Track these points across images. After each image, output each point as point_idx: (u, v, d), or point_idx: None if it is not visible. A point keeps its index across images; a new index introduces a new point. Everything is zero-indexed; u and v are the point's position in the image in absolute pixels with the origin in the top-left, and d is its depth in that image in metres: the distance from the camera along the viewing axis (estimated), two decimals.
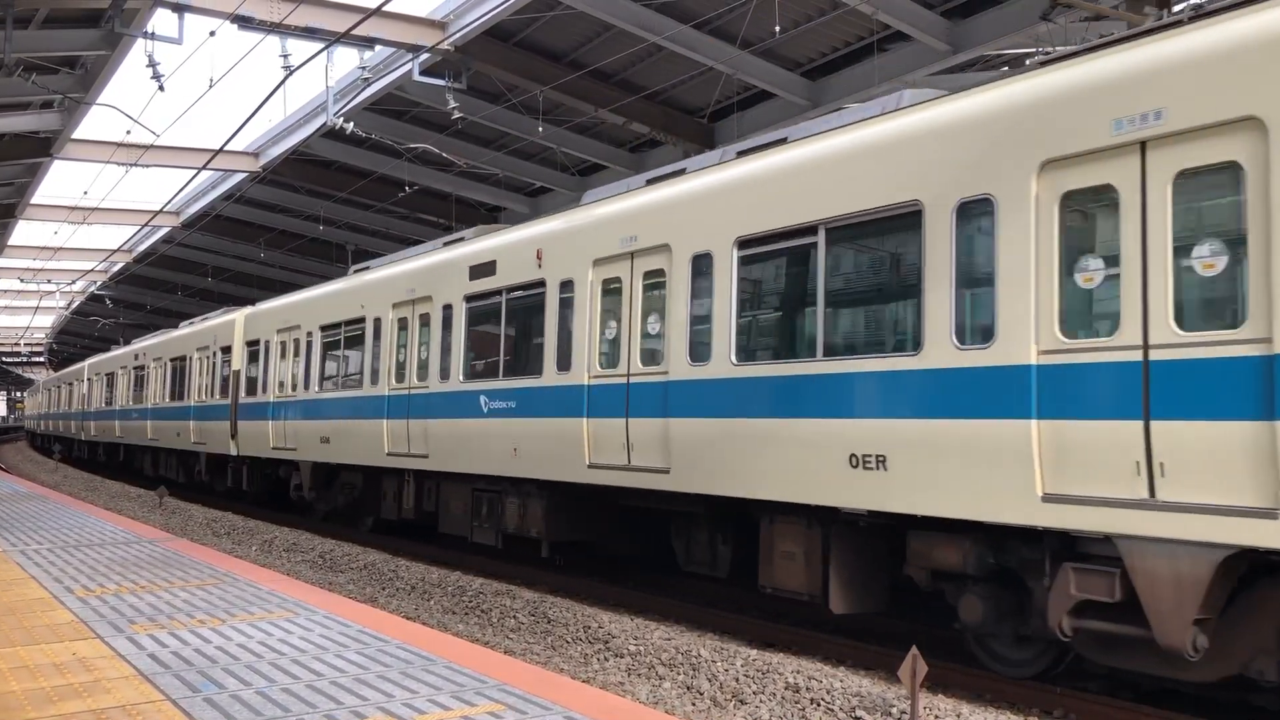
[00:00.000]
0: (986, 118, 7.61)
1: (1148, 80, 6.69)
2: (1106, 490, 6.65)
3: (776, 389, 9.07)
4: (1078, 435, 6.84)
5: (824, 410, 8.61)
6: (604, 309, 11.36)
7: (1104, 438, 6.69)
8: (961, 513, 7.49)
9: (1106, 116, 6.86)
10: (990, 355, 7.37)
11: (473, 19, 17.39)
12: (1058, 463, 6.94)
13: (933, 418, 7.74)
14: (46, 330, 68.57)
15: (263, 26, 16.46)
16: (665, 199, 10.71)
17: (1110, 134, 6.82)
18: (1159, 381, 6.48)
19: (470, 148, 24.36)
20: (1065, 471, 6.90)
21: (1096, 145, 6.89)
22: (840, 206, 8.66)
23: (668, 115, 21.03)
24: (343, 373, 17.62)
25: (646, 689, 8.23)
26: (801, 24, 17.14)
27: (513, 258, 13.02)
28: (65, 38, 18.10)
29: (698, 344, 9.99)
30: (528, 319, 12.69)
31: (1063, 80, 7.23)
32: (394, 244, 33.78)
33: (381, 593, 12.89)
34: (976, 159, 7.63)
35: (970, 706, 7.46)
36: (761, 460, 9.14)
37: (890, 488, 7.99)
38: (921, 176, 8.02)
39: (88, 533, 13.21)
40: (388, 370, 15.79)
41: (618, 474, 10.85)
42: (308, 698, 5.45)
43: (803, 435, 8.78)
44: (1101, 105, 6.90)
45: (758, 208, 9.47)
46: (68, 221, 32.68)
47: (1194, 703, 7.65)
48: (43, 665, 6.16)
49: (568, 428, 11.61)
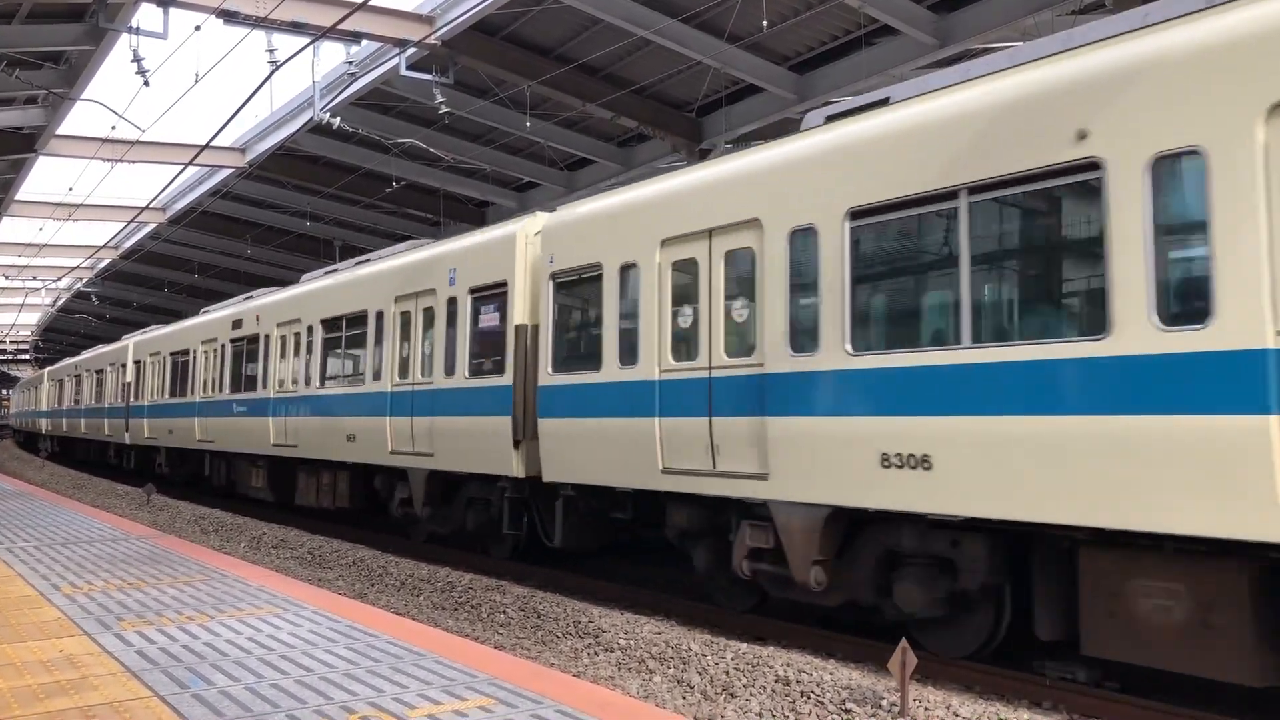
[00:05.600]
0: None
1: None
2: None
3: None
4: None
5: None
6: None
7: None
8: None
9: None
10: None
11: (460, 13, 17.35)
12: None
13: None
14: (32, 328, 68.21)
15: (248, 21, 16.38)
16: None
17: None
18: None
19: (458, 143, 24.31)
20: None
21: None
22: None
23: (656, 110, 21.02)
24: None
25: (637, 683, 8.23)
26: (789, 18, 17.14)
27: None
28: (49, 32, 17.98)
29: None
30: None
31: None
32: (382, 239, 33.70)
33: (371, 589, 12.86)
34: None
35: (960, 698, 7.49)
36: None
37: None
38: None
39: (75, 530, 13.15)
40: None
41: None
42: (296, 693, 5.43)
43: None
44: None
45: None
46: (53, 218, 32.49)
47: (1182, 693, 7.69)
48: (30, 663, 6.13)
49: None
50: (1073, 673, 7.69)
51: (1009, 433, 7.17)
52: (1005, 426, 7.20)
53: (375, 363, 15.64)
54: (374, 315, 15.55)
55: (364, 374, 15.88)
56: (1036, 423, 7.00)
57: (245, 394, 20.70)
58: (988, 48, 16.67)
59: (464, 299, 13.55)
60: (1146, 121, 6.60)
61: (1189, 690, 7.69)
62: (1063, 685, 7.56)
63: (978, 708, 7.24)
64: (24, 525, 13.70)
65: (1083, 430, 6.74)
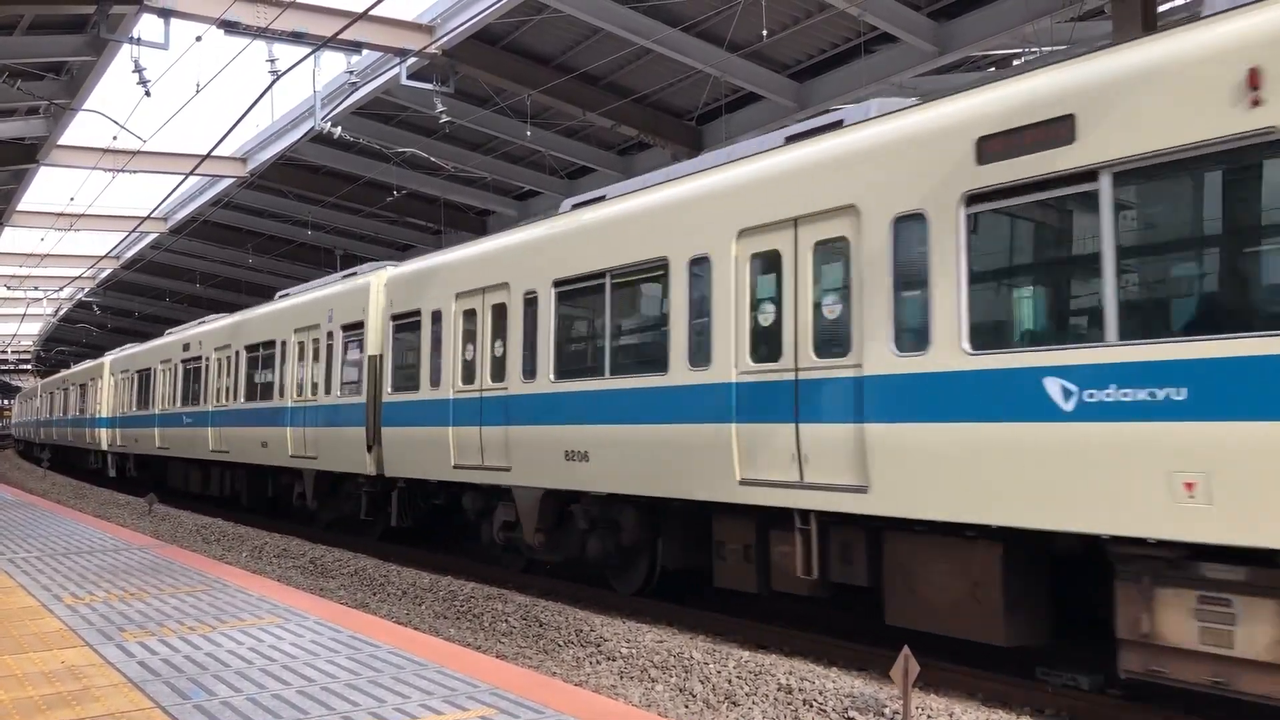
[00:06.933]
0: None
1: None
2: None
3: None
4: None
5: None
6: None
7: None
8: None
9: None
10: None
11: (460, 22, 17.38)
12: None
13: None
14: (34, 338, 68.26)
15: (249, 31, 16.42)
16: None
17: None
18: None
19: (458, 151, 24.35)
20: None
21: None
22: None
23: (656, 118, 21.05)
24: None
25: (639, 692, 8.22)
26: (789, 26, 17.17)
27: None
28: (51, 43, 18.06)
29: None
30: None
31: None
32: (383, 248, 33.76)
33: (373, 598, 12.85)
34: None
35: (963, 705, 7.47)
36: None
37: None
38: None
39: (77, 540, 13.14)
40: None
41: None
42: (299, 703, 5.43)
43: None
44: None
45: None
46: (54, 228, 32.55)
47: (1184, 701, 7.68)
48: (31, 674, 6.12)
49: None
50: (1076, 680, 7.67)
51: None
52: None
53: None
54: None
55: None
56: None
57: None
58: (987, 55, 16.72)
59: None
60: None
61: (1193, 699, 7.67)
62: (1065, 693, 7.55)
63: (980, 715, 7.23)
64: (25, 535, 13.70)
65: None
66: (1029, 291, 7.58)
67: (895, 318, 8.10)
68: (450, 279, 13.94)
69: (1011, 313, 7.62)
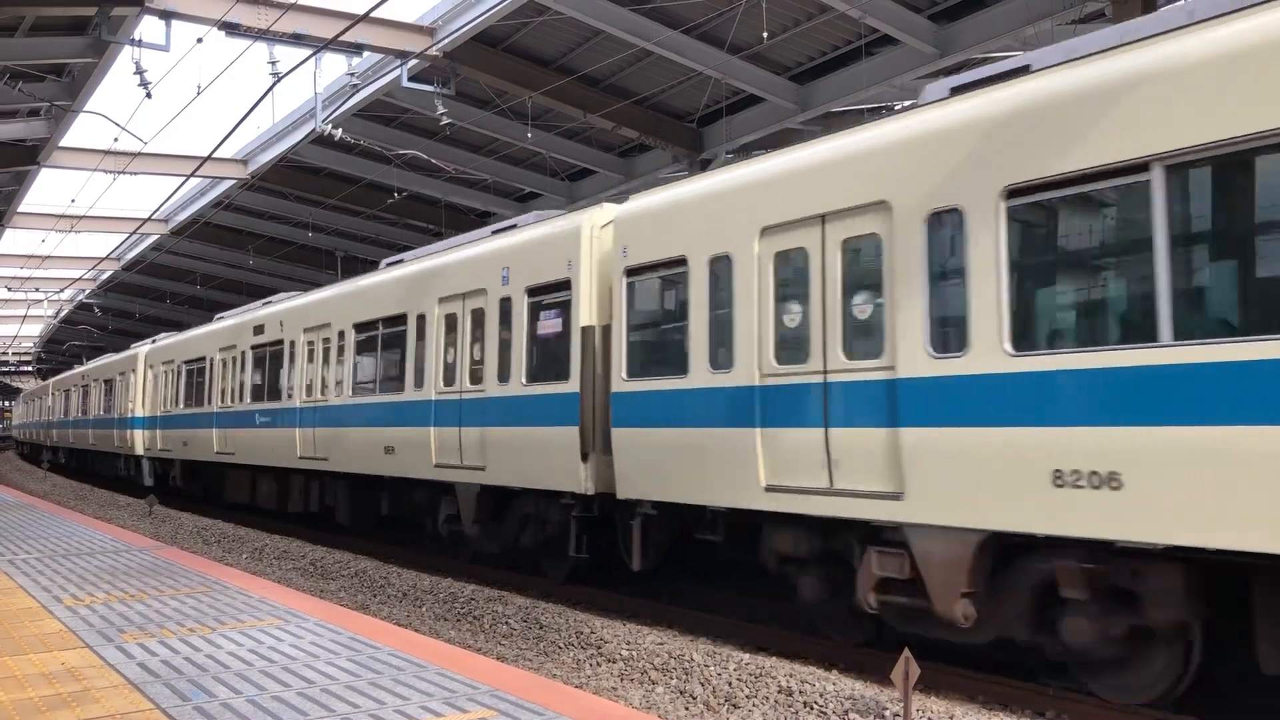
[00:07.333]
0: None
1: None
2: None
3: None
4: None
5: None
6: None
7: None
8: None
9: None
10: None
11: (461, 25, 17.40)
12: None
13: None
14: (34, 339, 68.29)
15: (250, 33, 16.44)
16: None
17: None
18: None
19: (459, 153, 24.37)
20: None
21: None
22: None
23: (656, 120, 21.07)
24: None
25: (639, 694, 8.21)
26: (790, 28, 17.19)
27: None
28: (52, 45, 18.07)
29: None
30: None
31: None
32: (384, 250, 33.75)
33: (373, 600, 12.84)
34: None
35: (963, 709, 7.46)
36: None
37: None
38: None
39: (77, 541, 13.14)
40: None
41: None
42: (299, 705, 5.42)
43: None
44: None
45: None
46: (55, 230, 32.59)
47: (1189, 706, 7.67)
48: (31, 675, 6.12)
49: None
50: (1077, 683, 7.66)
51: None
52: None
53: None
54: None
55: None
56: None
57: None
58: (987, 57, 16.72)
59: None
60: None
61: (1195, 702, 7.66)
62: (1066, 696, 7.54)
63: (981, 718, 7.22)
64: (26, 537, 13.69)
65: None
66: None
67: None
68: (753, 205, 9.53)
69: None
